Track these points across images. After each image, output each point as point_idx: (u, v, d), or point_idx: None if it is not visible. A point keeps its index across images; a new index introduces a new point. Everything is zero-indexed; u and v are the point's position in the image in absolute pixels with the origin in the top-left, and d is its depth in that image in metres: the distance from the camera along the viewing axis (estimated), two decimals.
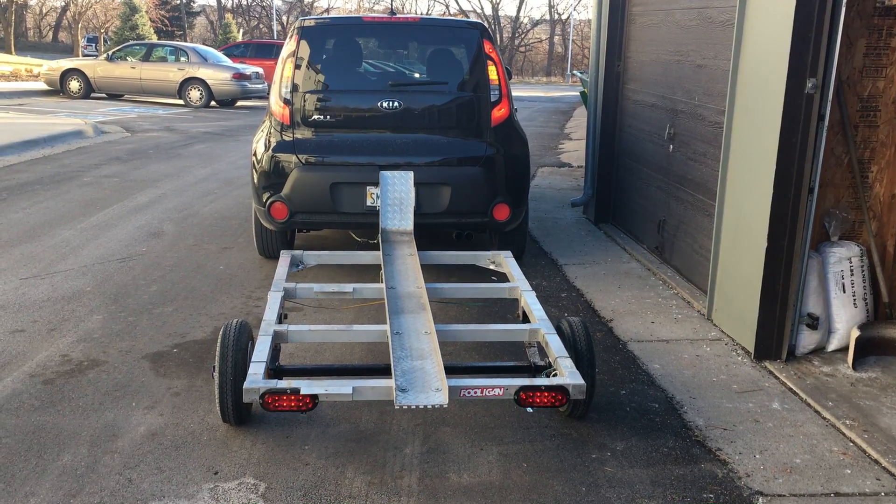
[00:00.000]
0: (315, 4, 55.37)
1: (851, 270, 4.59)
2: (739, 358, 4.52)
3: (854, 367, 4.35)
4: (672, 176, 6.13)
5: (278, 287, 4.21)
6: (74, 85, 20.62)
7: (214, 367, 3.42)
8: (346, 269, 5.87)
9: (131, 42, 24.40)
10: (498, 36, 55.95)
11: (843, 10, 4.02)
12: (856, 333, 4.35)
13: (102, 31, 41.72)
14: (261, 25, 55.84)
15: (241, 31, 49.16)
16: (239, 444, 3.42)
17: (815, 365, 4.43)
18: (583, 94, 16.26)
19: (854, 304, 4.60)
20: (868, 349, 4.41)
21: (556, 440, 3.54)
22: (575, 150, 13.77)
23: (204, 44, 37.77)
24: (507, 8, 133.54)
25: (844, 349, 4.52)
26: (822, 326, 4.56)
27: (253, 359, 3.37)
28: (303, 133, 5.60)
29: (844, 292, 4.59)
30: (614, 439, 3.57)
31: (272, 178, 5.54)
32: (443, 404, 3.03)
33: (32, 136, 12.00)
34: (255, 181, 5.67)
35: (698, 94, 5.66)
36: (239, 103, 21.45)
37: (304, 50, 5.65)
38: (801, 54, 4.08)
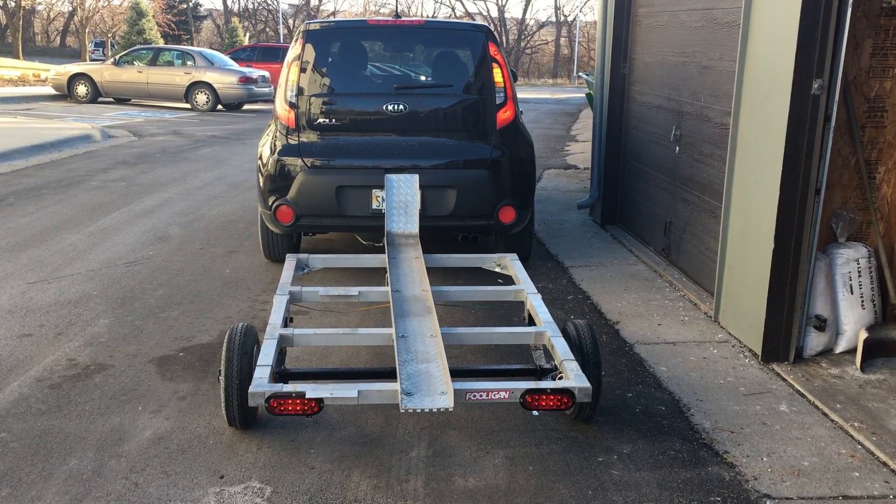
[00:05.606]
0: (321, 8, 55.51)
1: (859, 272, 4.57)
2: (747, 360, 4.50)
3: (862, 368, 4.32)
4: (678, 177, 6.12)
5: (284, 290, 4.21)
6: (82, 89, 20.70)
7: (220, 370, 3.43)
8: (351, 272, 5.88)
9: (138, 46, 24.50)
10: (504, 38, 55.97)
11: (850, 10, 4.00)
12: (864, 335, 4.34)
13: (110, 35, 41.93)
14: (267, 29, 55.98)
15: (248, 34, 49.35)
16: (245, 448, 3.43)
17: (822, 367, 4.41)
18: (589, 95, 16.22)
19: (862, 305, 4.57)
20: (876, 351, 4.39)
21: (562, 443, 3.54)
22: (581, 151, 13.75)
23: (210, 48, 37.85)
24: (514, 10, 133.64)
25: (852, 351, 4.49)
26: (830, 328, 4.54)
27: (258, 362, 3.37)
28: (308, 136, 5.61)
29: (852, 294, 4.56)
30: (621, 442, 3.56)
31: (278, 181, 5.55)
32: (448, 408, 3.02)
33: (40, 141, 12.04)
34: (261, 185, 5.67)
35: (704, 95, 5.64)
36: (245, 107, 21.50)
37: (310, 53, 5.66)
38: (807, 55, 4.06)
